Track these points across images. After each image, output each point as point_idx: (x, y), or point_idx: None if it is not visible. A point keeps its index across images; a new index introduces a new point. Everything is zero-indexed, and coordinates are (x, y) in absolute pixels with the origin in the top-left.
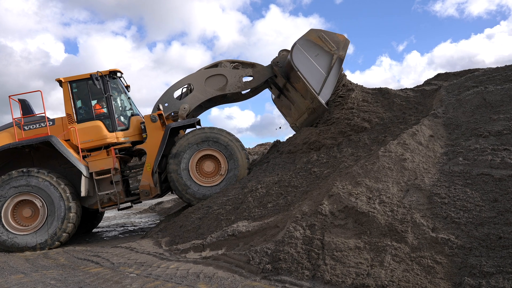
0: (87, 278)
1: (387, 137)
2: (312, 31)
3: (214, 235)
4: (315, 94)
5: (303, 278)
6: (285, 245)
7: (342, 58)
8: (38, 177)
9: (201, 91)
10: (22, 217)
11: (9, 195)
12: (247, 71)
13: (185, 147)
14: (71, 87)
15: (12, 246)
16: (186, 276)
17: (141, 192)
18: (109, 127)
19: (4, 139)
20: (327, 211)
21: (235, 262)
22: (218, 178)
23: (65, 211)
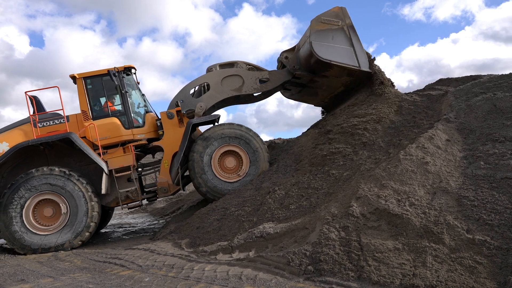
0: (124, 281)
1: (402, 141)
2: (314, 22)
3: (241, 236)
4: (358, 69)
5: (348, 279)
6: (323, 247)
7: (350, 25)
8: (60, 176)
9: (217, 90)
10: (42, 217)
11: (30, 195)
12: (263, 74)
13: (217, 136)
14: (86, 83)
15: (34, 246)
16: (227, 278)
17: (159, 189)
18: (125, 124)
19: (18, 137)
20: (358, 213)
21: (273, 263)
22: (234, 177)
23: (87, 210)
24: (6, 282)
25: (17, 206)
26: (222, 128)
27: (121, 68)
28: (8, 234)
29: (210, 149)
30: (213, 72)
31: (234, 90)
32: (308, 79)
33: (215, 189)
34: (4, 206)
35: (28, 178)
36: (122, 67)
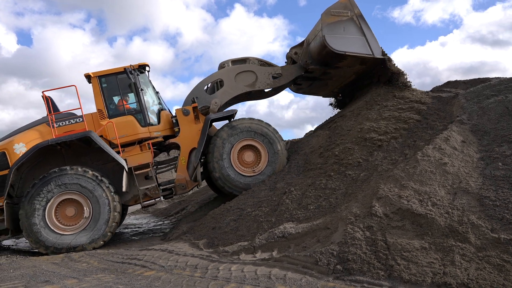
0: (152, 282)
1: (417, 142)
2: (324, 15)
3: (262, 237)
4: (372, 57)
5: (379, 277)
6: (350, 246)
7: (359, 14)
8: (91, 180)
9: (231, 86)
10: (63, 215)
11: (58, 191)
12: (275, 69)
13: (244, 128)
14: (100, 82)
15: (48, 243)
16: (257, 278)
17: (178, 185)
18: (141, 122)
19: (34, 137)
20: (381, 213)
21: (301, 263)
22: (248, 172)
23: (110, 209)
24: (30, 283)
25: (43, 199)
26: (251, 122)
27: (136, 66)
28: (27, 225)
29: (234, 138)
30: (226, 68)
31: (247, 86)
32: (321, 72)
33: (228, 178)
34: (31, 197)
35: (60, 174)
36: (137, 65)
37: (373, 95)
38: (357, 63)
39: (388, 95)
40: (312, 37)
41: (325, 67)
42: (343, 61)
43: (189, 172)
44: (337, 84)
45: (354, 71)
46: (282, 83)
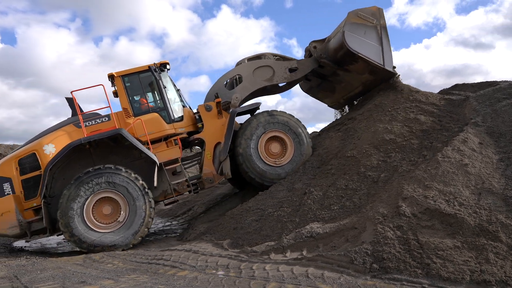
0: (191, 282)
1: (434, 143)
2: (351, 14)
3: (289, 236)
4: (381, 68)
5: (417, 276)
6: (383, 245)
7: (384, 26)
8: (118, 174)
9: (250, 81)
10: (100, 215)
11: (105, 187)
12: (292, 63)
13: (282, 120)
14: (124, 81)
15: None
16: (296, 277)
17: (205, 180)
18: (166, 119)
19: (62, 138)
20: (409, 213)
21: (336, 262)
22: (269, 161)
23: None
24: (66, 284)
25: (89, 189)
26: (290, 118)
27: (158, 64)
28: (65, 206)
29: (269, 126)
30: (243, 64)
31: (265, 81)
32: (331, 71)
33: (249, 157)
34: (80, 182)
35: (114, 173)
36: (159, 63)
37: (382, 98)
38: (366, 70)
39: (398, 98)
40: (333, 34)
41: (336, 65)
42: (354, 64)
43: (215, 166)
44: (344, 92)
45: (363, 80)
46: (298, 76)
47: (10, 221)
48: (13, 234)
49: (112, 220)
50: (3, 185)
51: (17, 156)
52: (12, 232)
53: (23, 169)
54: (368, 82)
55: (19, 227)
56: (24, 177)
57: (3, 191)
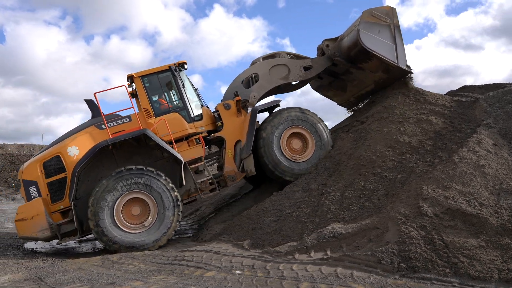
0: (222, 282)
1: (448, 144)
2: (365, 13)
3: (311, 237)
4: (395, 66)
5: (445, 275)
6: (409, 245)
7: (397, 25)
8: (157, 180)
9: (267, 80)
10: (127, 214)
11: (135, 188)
12: (306, 61)
13: (311, 121)
14: (143, 81)
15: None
16: (326, 277)
17: (228, 177)
18: (186, 118)
19: (86, 140)
20: (431, 213)
21: (363, 262)
22: (288, 154)
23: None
24: (94, 286)
25: (126, 186)
26: (319, 121)
27: (176, 64)
28: (100, 196)
29: (297, 122)
30: (259, 63)
31: (281, 79)
32: (344, 69)
33: (270, 143)
34: (121, 177)
35: (153, 177)
36: (177, 63)
37: (391, 100)
38: (380, 69)
39: (407, 100)
40: (347, 33)
41: (349, 63)
42: (368, 62)
43: (236, 164)
44: (355, 91)
45: (375, 79)
46: (313, 74)
47: (41, 224)
48: (44, 237)
49: (138, 222)
50: (29, 189)
51: (41, 159)
52: (43, 235)
53: (48, 172)
54: (380, 80)
55: (50, 229)
56: (50, 180)
57: (29, 194)
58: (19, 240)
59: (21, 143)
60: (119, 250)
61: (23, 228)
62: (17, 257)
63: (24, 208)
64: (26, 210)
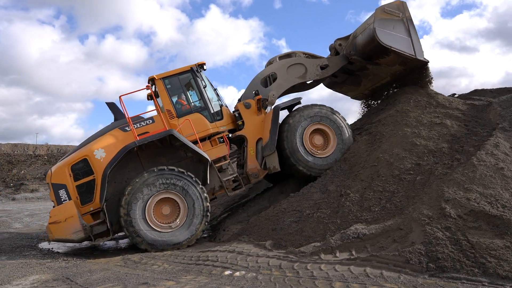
0: (255, 282)
1: (465, 147)
2: (378, 10)
3: (335, 237)
4: (413, 58)
5: (474, 274)
6: (436, 246)
7: (410, 18)
8: (194, 187)
9: (285, 79)
10: (157, 212)
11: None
12: (322, 60)
13: (337, 120)
14: (165, 83)
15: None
16: (357, 277)
17: (251, 175)
18: (208, 118)
19: (111, 142)
20: (454, 215)
21: (391, 262)
22: (308, 147)
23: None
24: (127, 286)
25: (165, 185)
26: (346, 127)
27: (196, 64)
28: (138, 187)
29: (324, 119)
30: (277, 62)
31: (299, 78)
32: (360, 66)
33: (294, 130)
34: (162, 174)
35: (192, 183)
36: (197, 63)
37: (404, 104)
38: (397, 62)
39: (419, 103)
40: (360, 31)
41: (366, 60)
42: (385, 57)
43: (258, 161)
44: (370, 84)
45: (392, 71)
46: (329, 73)
47: (75, 226)
48: (78, 238)
49: (166, 221)
50: (58, 192)
51: (69, 163)
52: (77, 236)
53: (76, 175)
54: (397, 73)
55: (83, 231)
56: (78, 183)
57: (59, 197)
58: (33, 240)
59: (14, 143)
60: (140, 244)
61: (57, 231)
62: (37, 257)
63: (57, 211)
64: (59, 213)
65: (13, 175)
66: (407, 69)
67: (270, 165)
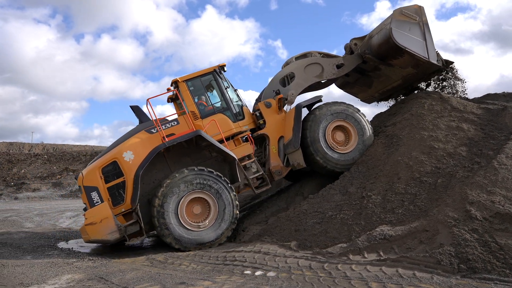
0: (291, 282)
1: (484, 151)
2: (396, 12)
3: (361, 238)
4: (426, 61)
5: (507, 275)
6: (465, 247)
7: (426, 22)
8: (228, 193)
9: (303, 78)
10: (188, 210)
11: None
12: (338, 59)
13: (359, 119)
14: (188, 85)
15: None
16: (390, 277)
17: (274, 172)
18: (231, 118)
19: (138, 144)
20: (480, 217)
21: (422, 263)
22: (329, 142)
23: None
24: (166, 285)
25: (200, 185)
26: (370, 132)
27: (216, 67)
28: (176, 182)
29: (349, 119)
30: (294, 62)
31: (316, 77)
32: (373, 66)
33: (318, 121)
34: (201, 174)
35: (226, 188)
36: (218, 65)
37: (418, 108)
38: (410, 64)
39: (434, 107)
40: (376, 31)
41: (380, 60)
42: (398, 58)
43: (281, 159)
44: (381, 87)
45: (404, 74)
46: (345, 71)
47: (110, 226)
48: (113, 239)
49: (195, 220)
50: (91, 194)
51: (100, 165)
52: (112, 237)
53: (107, 177)
54: (409, 76)
55: (118, 231)
56: (109, 185)
57: (92, 200)
58: (50, 239)
59: (10, 141)
60: (167, 237)
61: (93, 232)
62: (62, 257)
63: (92, 212)
64: (94, 214)
65: (13, 174)
66: (419, 73)
67: (294, 162)
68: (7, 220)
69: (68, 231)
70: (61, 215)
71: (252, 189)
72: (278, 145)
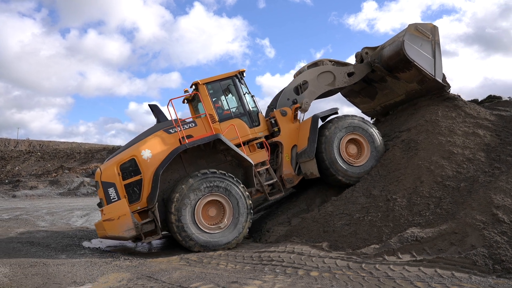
0: (336, 281)
1: (502, 156)
2: (411, 26)
3: (393, 240)
4: (432, 78)
5: None
6: (497, 249)
7: (438, 42)
8: (228, 181)
9: (316, 86)
10: (204, 213)
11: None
12: (349, 68)
13: (374, 135)
14: (207, 88)
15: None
16: (432, 277)
17: (286, 180)
18: (248, 123)
19: (157, 144)
20: (508, 220)
21: (458, 264)
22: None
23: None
24: (220, 284)
25: (217, 187)
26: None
27: (236, 72)
28: (197, 182)
29: (362, 131)
30: (307, 71)
31: (328, 85)
32: (380, 76)
33: (331, 144)
34: (221, 177)
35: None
36: (238, 71)
37: (431, 114)
38: (416, 79)
39: (448, 113)
40: (389, 43)
41: (387, 71)
42: (406, 71)
43: (293, 167)
44: (384, 100)
45: (408, 89)
46: (356, 80)
47: (127, 223)
48: (130, 236)
49: (213, 222)
50: (108, 190)
51: (118, 162)
52: (129, 234)
53: (125, 174)
54: (412, 91)
55: (135, 229)
56: (126, 182)
57: (109, 195)
58: (73, 238)
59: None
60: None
61: (111, 228)
62: (96, 256)
63: (110, 208)
64: (112, 210)
65: (7, 172)
66: (423, 90)
67: (307, 171)
68: (19, 219)
69: (86, 230)
70: (71, 214)
71: (266, 195)
72: (291, 154)
